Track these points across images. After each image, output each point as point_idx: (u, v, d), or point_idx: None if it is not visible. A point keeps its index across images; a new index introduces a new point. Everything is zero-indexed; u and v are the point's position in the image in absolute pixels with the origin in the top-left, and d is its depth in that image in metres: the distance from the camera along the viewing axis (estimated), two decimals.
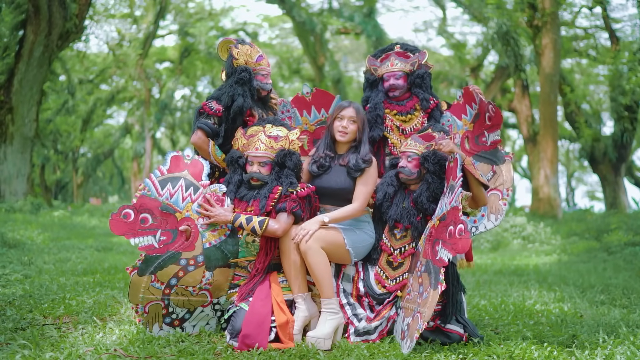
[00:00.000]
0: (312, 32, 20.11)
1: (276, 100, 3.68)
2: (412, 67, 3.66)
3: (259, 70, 3.50)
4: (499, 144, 3.51)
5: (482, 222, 3.46)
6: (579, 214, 15.73)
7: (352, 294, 3.29)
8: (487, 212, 3.42)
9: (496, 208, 3.39)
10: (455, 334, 3.07)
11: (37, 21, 12.36)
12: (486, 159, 3.50)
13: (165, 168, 3.22)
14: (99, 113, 25.32)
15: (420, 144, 3.31)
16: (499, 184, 3.42)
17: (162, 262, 3.10)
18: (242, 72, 3.42)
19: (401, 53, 3.71)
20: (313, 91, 3.87)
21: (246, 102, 3.40)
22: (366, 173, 3.34)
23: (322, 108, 3.85)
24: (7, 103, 12.78)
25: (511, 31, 14.88)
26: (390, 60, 3.68)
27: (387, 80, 3.65)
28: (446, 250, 2.89)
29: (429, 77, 3.67)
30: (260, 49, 3.59)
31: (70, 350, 2.70)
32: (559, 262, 8.14)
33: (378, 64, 3.72)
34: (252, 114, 3.46)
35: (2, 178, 12.90)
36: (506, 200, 3.41)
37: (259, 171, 3.25)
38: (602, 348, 2.97)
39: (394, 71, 3.64)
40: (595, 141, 16.33)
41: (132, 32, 22.58)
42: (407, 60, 3.68)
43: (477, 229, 3.47)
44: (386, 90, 3.66)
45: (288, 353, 2.82)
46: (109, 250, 7.89)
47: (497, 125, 3.47)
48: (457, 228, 2.87)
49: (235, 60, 3.46)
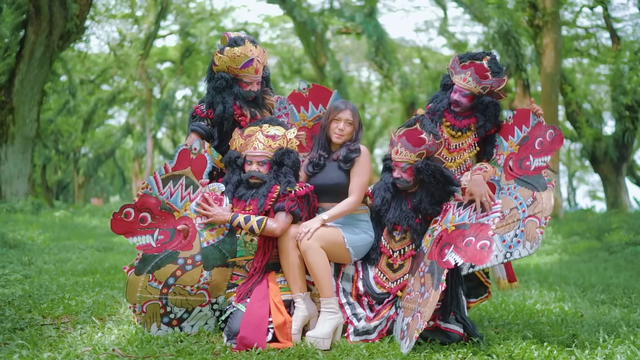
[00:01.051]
0: (313, 32, 20.10)
1: (271, 99, 3.62)
2: (483, 90, 3.52)
3: (241, 77, 3.39)
4: (544, 170, 3.33)
5: (517, 248, 3.26)
6: (580, 214, 15.70)
7: (351, 294, 3.28)
8: (522, 239, 3.22)
9: (532, 236, 3.19)
10: (454, 334, 3.06)
11: (38, 21, 12.36)
12: (527, 184, 3.33)
13: (171, 165, 3.21)
14: (100, 113, 25.33)
15: (410, 151, 3.24)
16: (538, 212, 3.23)
17: (160, 261, 3.09)
18: (219, 79, 3.36)
19: (482, 70, 3.49)
20: (310, 87, 3.83)
21: (226, 108, 3.35)
22: (357, 163, 3.32)
23: (320, 104, 3.81)
24: (8, 103, 12.78)
25: (512, 31, 14.85)
26: (466, 74, 3.52)
27: (455, 92, 3.55)
28: (458, 256, 2.89)
29: (494, 107, 3.52)
30: (256, 52, 3.44)
31: (69, 350, 2.69)
32: (560, 262, 8.12)
33: (457, 69, 3.58)
34: (242, 113, 3.42)
35: (3, 178, 12.91)
36: (543, 229, 3.21)
37: (258, 170, 3.24)
38: (602, 347, 2.96)
39: (463, 88, 3.52)
40: (597, 141, 16.29)
41: (133, 32, 22.59)
42: (482, 81, 3.50)
43: (512, 254, 3.26)
44: (451, 101, 3.57)
45: (287, 353, 2.81)
46: (109, 250, 7.89)
47: (549, 151, 3.30)
48: (481, 242, 2.89)
49: (215, 66, 3.39)
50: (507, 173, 3.38)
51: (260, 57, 3.43)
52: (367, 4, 20.13)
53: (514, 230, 3.25)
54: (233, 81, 3.38)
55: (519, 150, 3.42)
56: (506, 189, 3.37)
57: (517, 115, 3.48)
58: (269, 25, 25.08)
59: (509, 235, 3.25)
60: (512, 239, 3.26)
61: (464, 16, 22.84)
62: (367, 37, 20.06)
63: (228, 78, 3.36)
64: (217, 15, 23.69)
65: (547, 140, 3.30)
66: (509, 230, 3.27)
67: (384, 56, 20.02)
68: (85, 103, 23.70)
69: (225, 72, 3.38)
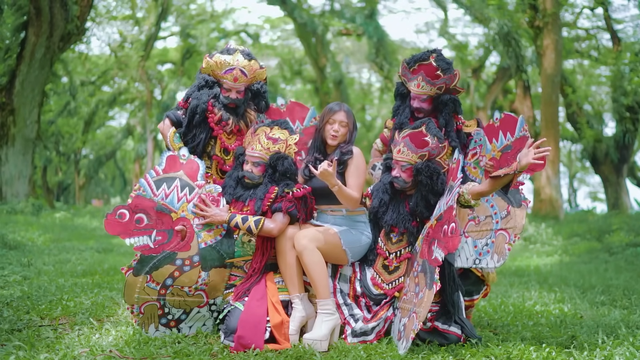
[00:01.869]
0: (313, 34, 20.10)
1: (252, 114, 3.69)
2: (439, 90, 3.49)
3: (222, 82, 3.57)
4: (521, 185, 3.37)
5: (486, 258, 3.37)
6: (581, 215, 15.69)
7: (349, 294, 3.28)
8: (492, 250, 3.34)
9: (500, 250, 3.30)
10: (452, 335, 3.05)
11: (38, 23, 12.38)
12: (504, 196, 3.35)
13: (160, 168, 3.21)
14: (101, 115, 25.33)
15: (413, 152, 3.23)
16: (510, 227, 3.31)
17: (158, 262, 3.09)
18: (200, 79, 3.60)
19: (431, 70, 3.44)
20: (288, 103, 3.90)
21: (199, 104, 3.50)
22: (350, 165, 3.32)
23: (297, 120, 3.87)
24: (8, 105, 12.79)
25: (512, 32, 14.86)
26: (418, 80, 3.48)
27: (413, 100, 3.52)
28: (440, 250, 2.87)
29: (453, 103, 3.48)
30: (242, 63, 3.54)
31: (66, 352, 2.68)
32: (560, 263, 8.11)
33: (409, 76, 3.54)
34: (213, 111, 3.53)
35: (3, 179, 12.91)
36: (511, 245, 3.30)
37: (251, 170, 3.26)
38: (601, 349, 2.95)
39: (419, 94, 3.49)
40: (597, 142, 16.28)
41: (134, 33, 22.60)
42: (435, 82, 3.46)
43: (480, 262, 3.37)
44: (412, 110, 3.55)
45: (284, 354, 2.81)
46: (109, 251, 7.89)
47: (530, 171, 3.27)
48: (450, 227, 2.85)
49: (202, 68, 3.61)
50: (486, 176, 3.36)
51: (245, 68, 3.55)
52: (368, 6, 20.15)
53: (485, 239, 3.38)
54: (214, 83, 3.59)
55: (500, 157, 3.38)
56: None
57: (504, 120, 3.41)
58: (270, 26, 25.09)
59: (481, 242, 3.38)
60: (483, 247, 3.38)
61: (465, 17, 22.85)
62: (368, 38, 20.08)
63: (208, 79, 3.59)
64: (218, 16, 23.71)
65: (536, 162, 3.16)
66: (482, 237, 3.39)
67: (384, 57, 20.05)
68: (86, 104, 23.71)
69: (209, 74, 3.60)
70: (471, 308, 3.68)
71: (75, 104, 22.41)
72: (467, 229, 3.48)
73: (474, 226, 3.47)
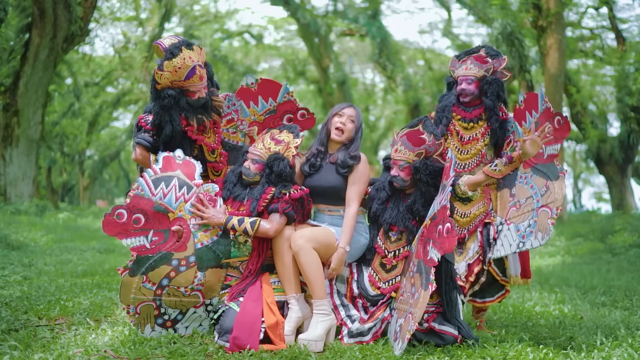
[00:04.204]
0: (316, 34, 20.09)
1: (219, 99, 3.49)
2: (487, 73, 3.55)
3: (187, 87, 3.22)
4: (556, 158, 3.33)
5: (530, 238, 3.28)
6: (584, 216, 15.64)
7: (345, 295, 3.27)
8: (535, 229, 3.25)
9: (544, 227, 3.22)
10: (449, 336, 3.04)
11: (42, 24, 12.41)
12: (542, 173, 3.33)
13: (158, 167, 3.19)
14: (105, 115, 25.35)
15: (410, 150, 3.22)
16: (550, 202, 3.24)
17: (154, 263, 3.08)
18: (165, 98, 3.17)
19: (480, 57, 3.58)
20: (258, 81, 3.69)
21: (174, 127, 3.20)
22: (355, 171, 3.32)
23: (270, 97, 3.69)
24: (12, 106, 12.82)
25: (516, 32, 14.79)
26: (467, 64, 3.59)
27: (460, 84, 3.58)
28: (435, 250, 2.86)
29: (498, 84, 3.52)
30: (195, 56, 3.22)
31: (60, 352, 2.69)
32: (562, 264, 8.08)
33: (456, 66, 3.65)
34: (189, 124, 3.27)
35: (7, 180, 12.95)
36: (554, 219, 3.22)
37: (249, 167, 3.25)
38: (599, 350, 2.94)
39: (467, 75, 3.56)
40: (602, 142, 16.19)
41: (138, 34, 22.65)
42: (483, 65, 3.56)
43: (524, 244, 3.29)
44: (457, 94, 3.60)
45: (279, 355, 2.80)
46: (111, 252, 7.91)
47: (558, 138, 3.28)
48: (445, 227, 2.84)
49: (158, 84, 3.19)
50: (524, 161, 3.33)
51: (200, 61, 3.26)
52: (371, 6, 20.13)
53: (527, 220, 3.29)
54: (180, 95, 3.21)
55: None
56: (523, 177, 3.38)
57: (527, 100, 3.42)
58: (273, 27, 25.09)
59: (523, 224, 3.30)
60: (526, 229, 3.29)
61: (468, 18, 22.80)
62: (371, 38, 20.05)
63: (174, 94, 3.19)
64: (221, 17, 23.72)
65: (556, 127, 3.25)
66: (524, 220, 3.31)
67: (387, 58, 20.01)
68: (90, 105, 23.74)
69: (170, 87, 3.20)
70: (483, 312, 3.65)
71: (79, 105, 22.46)
72: (509, 216, 3.41)
73: (515, 212, 3.39)
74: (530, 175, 3.35)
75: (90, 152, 28.22)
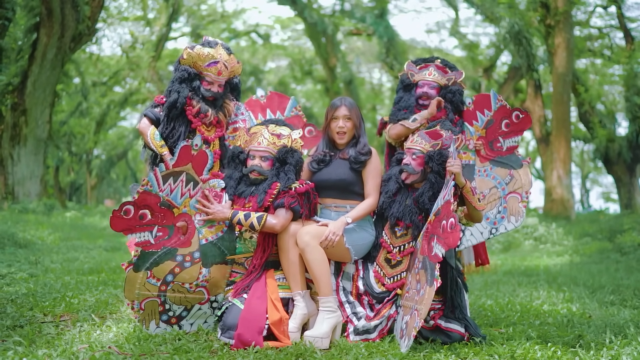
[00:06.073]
0: (324, 34, 20.08)
1: (230, 105, 3.63)
2: (448, 82, 3.82)
3: (204, 75, 3.47)
4: (516, 149, 3.66)
5: (502, 223, 3.61)
6: (592, 215, 15.53)
7: (351, 292, 3.25)
8: (506, 214, 3.59)
9: (516, 210, 3.56)
10: (455, 334, 3.01)
11: (50, 24, 12.46)
12: (503, 164, 3.67)
13: (172, 162, 3.17)
14: (113, 115, 25.46)
15: (426, 142, 3.25)
16: (518, 188, 3.59)
17: (158, 258, 3.07)
18: (182, 71, 3.46)
19: (440, 67, 3.86)
20: (268, 94, 3.95)
21: (179, 97, 3.41)
22: (369, 165, 3.35)
23: (278, 110, 3.90)
24: (20, 105, 12.89)
25: (523, 31, 14.72)
26: (429, 70, 3.84)
27: (422, 87, 3.80)
28: (440, 245, 2.84)
29: (461, 94, 3.79)
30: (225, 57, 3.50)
31: (65, 348, 2.68)
32: (570, 263, 8.02)
33: (416, 71, 3.88)
34: (191, 104, 3.45)
35: (15, 179, 13.01)
36: (526, 202, 3.56)
37: (260, 165, 3.23)
38: (608, 348, 2.90)
39: (429, 81, 3.80)
40: (610, 142, 16.10)
41: (145, 34, 22.71)
42: (445, 75, 3.84)
43: (498, 230, 3.62)
44: (418, 96, 3.80)
45: (285, 352, 2.78)
46: (117, 250, 7.92)
47: (518, 131, 3.67)
48: (449, 222, 2.82)
49: (183, 59, 3.48)
50: (481, 156, 3.72)
51: (228, 62, 3.50)
52: (378, 5, 20.08)
53: (496, 208, 3.64)
54: (195, 76, 3.47)
55: (486, 133, 3.75)
56: (482, 170, 3.72)
57: (477, 101, 3.80)
58: (280, 26, 25.10)
59: (492, 212, 3.64)
60: (496, 216, 3.64)
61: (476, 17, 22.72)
62: (378, 38, 20.01)
63: (191, 72, 3.46)
64: (229, 17, 23.76)
65: (514, 121, 3.68)
66: (492, 208, 3.65)
67: (395, 57, 19.96)
68: (97, 105, 23.84)
69: (191, 66, 3.47)
70: None
71: (87, 104, 22.56)
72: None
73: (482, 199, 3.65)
74: (490, 168, 3.70)
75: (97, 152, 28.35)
